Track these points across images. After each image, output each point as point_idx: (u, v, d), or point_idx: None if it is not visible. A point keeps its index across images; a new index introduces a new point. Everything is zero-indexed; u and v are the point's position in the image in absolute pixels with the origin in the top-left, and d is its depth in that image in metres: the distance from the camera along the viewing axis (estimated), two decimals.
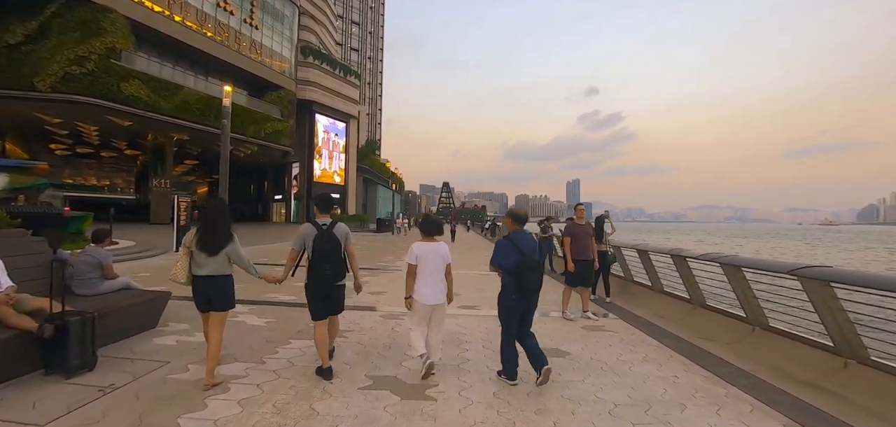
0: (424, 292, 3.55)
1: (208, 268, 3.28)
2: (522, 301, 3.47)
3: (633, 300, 7.29)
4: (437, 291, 3.59)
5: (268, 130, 37.94)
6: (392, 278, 9.42)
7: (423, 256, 3.58)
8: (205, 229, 3.30)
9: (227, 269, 3.36)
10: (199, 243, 3.28)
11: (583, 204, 7.60)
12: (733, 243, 51.81)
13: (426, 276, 3.58)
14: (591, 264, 6.02)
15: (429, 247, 3.62)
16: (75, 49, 24.88)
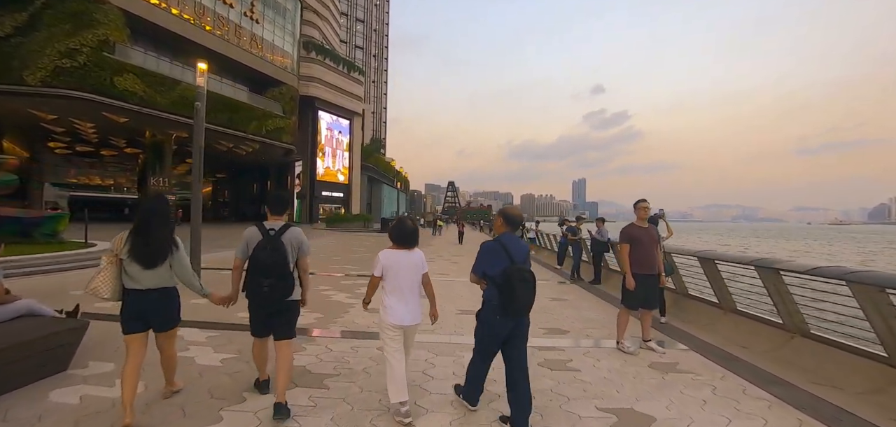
0: (393, 309, 2.91)
1: (146, 281, 2.70)
2: (508, 321, 2.77)
3: (693, 320, 5.90)
4: (413, 310, 2.94)
5: (269, 127, 36.78)
6: None
7: (391, 267, 2.92)
8: (138, 235, 2.68)
9: (169, 281, 2.78)
10: (132, 252, 2.66)
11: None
12: (765, 245, 50.00)
13: (397, 291, 2.92)
14: (657, 280, 4.62)
15: (399, 256, 2.96)
16: (66, 41, 23.86)
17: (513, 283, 2.66)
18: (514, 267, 2.72)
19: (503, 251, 2.80)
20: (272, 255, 2.77)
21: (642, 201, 4.62)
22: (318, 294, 7.09)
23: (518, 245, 2.88)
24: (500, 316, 2.72)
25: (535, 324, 5.58)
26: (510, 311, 2.70)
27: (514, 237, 2.92)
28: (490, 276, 2.81)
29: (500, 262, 2.78)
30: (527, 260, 2.93)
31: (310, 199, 44.43)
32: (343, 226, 37.34)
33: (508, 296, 2.68)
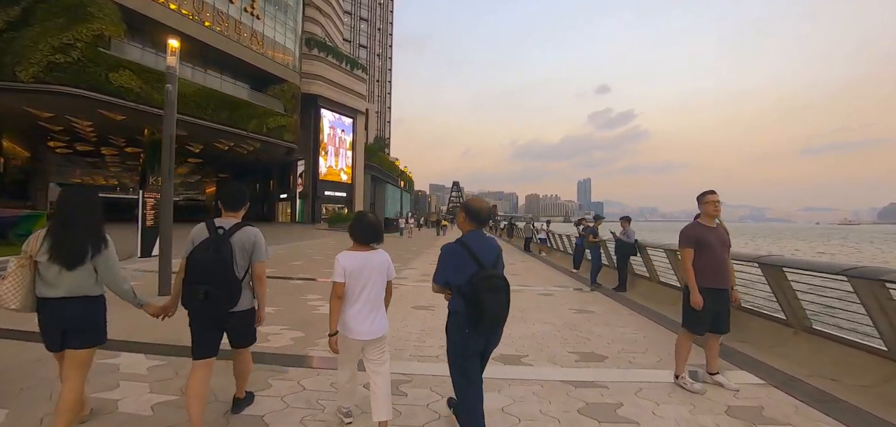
0: (355, 323, 2.49)
1: (64, 286, 2.27)
2: (481, 337, 2.35)
3: (751, 339, 4.87)
4: (374, 320, 2.53)
5: (270, 126, 36.00)
6: (393, 301, 7.12)
7: (353, 271, 2.50)
8: (57, 231, 2.29)
9: (93, 288, 2.34)
10: (51, 251, 2.26)
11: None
12: (787, 244, 48.54)
13: (357, 298, 2.51)
14: (729, 297, 3.57)
15: (362, 258, 2.54)
16: (60, 36, 23.18)
17: (480, 294, 2.22)
18: (481, 273, 2.28)
19: (468, 254, 2.36)
20: (212, 257, 2.36)
21: (710, 193, 3.56)
22: (304, 305, 6.14)
23: (486, 245, 2.43)
24: (469, 329, 2.30)
25: (564, 346, 4.54)
26: (480, 325, 2.26)
27: (480, 236, 2.46)
28: (454, 285, 2.37)
29: (466, 267, 2.33)
30: (497, 262, 2.46)
31: (312, 199, 43.62)
32: (345, 226, 36.43)
33: (476, 309, 2.24)
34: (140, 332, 4.29)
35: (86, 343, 2.31)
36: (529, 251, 17.95)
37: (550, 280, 9.58)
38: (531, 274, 10.58)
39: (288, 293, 6.96)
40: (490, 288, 2.24)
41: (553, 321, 5.56)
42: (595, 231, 9.00)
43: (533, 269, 11.79)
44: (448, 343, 2.42)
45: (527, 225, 19.34)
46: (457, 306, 2.37)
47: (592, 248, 8.87)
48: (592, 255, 8.87)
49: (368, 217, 2.68)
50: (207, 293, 2.32)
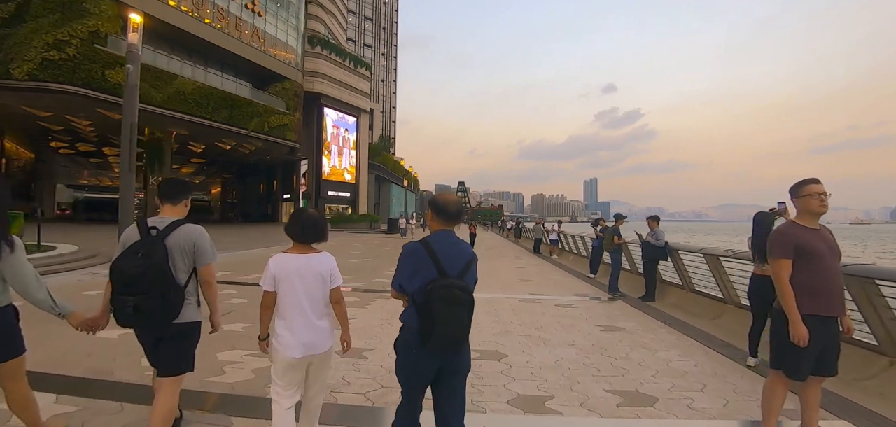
0: (290, 337, 2.09)
1: None
2: (433, 359, 1.86)
3: (856, 379, 3.83)
4: (312, 334, 2.11)
5: (272, 124, 35.29)
6: (392, 312, 6.21)
7: (287, 278, 2.11)
8: None
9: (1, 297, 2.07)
10: None
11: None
12: None
13: (293, 309, 2.11)
14: (838, 328, 2.56)
15: (299, 260, 2.14)
16: (54, 33, 22.60)
17: (432, 305, 1.80)
18: (438, 282, 1.84)
19: (429, 257, 1.93)
20: (140, 263, 2.05)
21: (813, 182, 2.54)
22: None
23: (453, 249, 1.98)
24: (416, 349, 1.87)
25: (598, 380, 3.50)
26: (430, 342, 1.82)
27: (448, 237, 2.03)
28: (408, 292, 1.95)
29: (424, 272, 1.91)
30: (466, 270, 1.97)
31: (315, 199, 42.87)
32: (348, 226, 35.71)
33: (427, 321, 1.82)
34: (59, 361, 3.41)
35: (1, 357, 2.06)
36: (539, 253, 16.98)
37: (567, 287, 8.61)
38: (545, 280, 9.61)
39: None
40: (447, 299, 1.81)
41: (579, 343, 4.62)
42: (618, 232, 7.98)
43: (546, 273, 10.83)
44: (397, 365, 2.00)
45: (536, 225, 18.33)
46: (408, 319, 1.94)
47: (613, 252, 7.88)
48: (613, 260, 7.89)
49: (308, 212, 2.31)
50: (137, 307, 2.01)
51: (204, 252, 2.23)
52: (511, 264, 12.68)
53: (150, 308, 2.02)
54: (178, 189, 2.32)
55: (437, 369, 1.90)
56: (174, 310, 2.11)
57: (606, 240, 8.02)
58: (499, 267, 11.98)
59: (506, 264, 12.71)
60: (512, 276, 10.03)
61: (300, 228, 2.19)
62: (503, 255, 16.37)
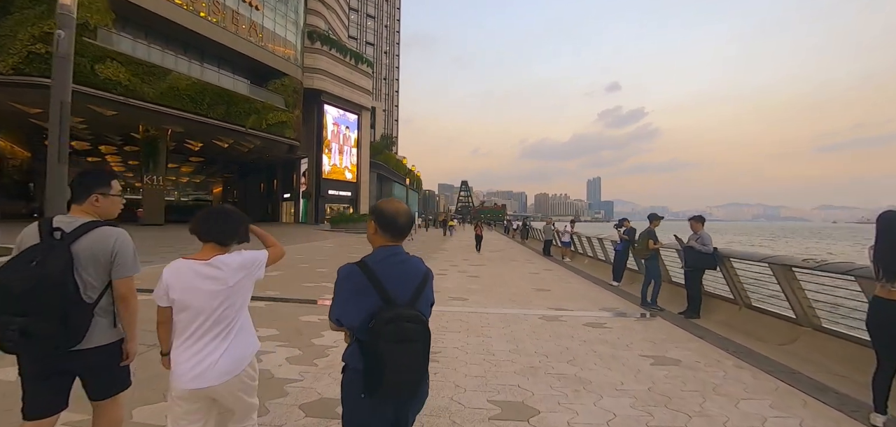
0: (193, 363, 1.70)
1: None
2: (383, 407, 1.51)
3: None
4: (228, 358, 1.73)
5: (270, 121, 34.34)
6: None
7: (186, 288, 1.71)
8: None
9: None
10: None
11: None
12: (795, 244, 45.65)
13: (195, 329, 1.72)
14: None
15: (199, 272, 1.73)
16: (41, 25, 21.70)
17: (379, 344, 1.41)
18: (386, 313, 1.44)
19: (369, 283, 1.49)
20: (31, 274, 1.62)
21: None
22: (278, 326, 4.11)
23: (400, 268, 1.55)
24: (366, 395, 1.47)
25: None
26: (378, 389, 1.44)
27: (395, 254, 1.56)
28: (347, 326, 1.52)
29: (364, 301, 1.48)
30: (419, 294, 1.53)
31: (315, 199, 41.90)
32: (348, 226, 34.63)
33: (373, 365, 1.43)
34: None
35: None
36: (549, 255, 15.84)
37: (591, 298, 7.47)
38: (564, 289, 8.47)
39: None
40: (397, 337, 1.42)
41: (630, 385, 3.49)
42: (654, 235, 6.81)
43: (562, 280, 9.68)
44: (342, 415, 1.56)
45: (546, 226, 17.18)
46: (351, 358, 1.52)
47: (650, 259, 6.71)
48: (650, 269, 6.73)
49: (219, 211, 1.84)
50: (24, 330, 1.60)
51: (124, 262, 1.84)
52: (522, 269, 11.54)
53: (43, 332, 1.65)
54: (85, 182, 1.86)
55: (393, 419, 1.54)
56: (76, 334, 1.73)
57: (640, 244, 6.84)
58: (509, 273, 10.84)
59: (516, 269, 11.57)
60: (525, 284, 8.89)
61: (210, 229, 1.78)
62: (512, 258, 15.23)
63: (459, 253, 16.46)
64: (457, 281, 9.09)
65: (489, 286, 8.44)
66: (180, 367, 1.71)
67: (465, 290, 8.00)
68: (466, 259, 13.95)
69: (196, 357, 1.71)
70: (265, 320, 5.20)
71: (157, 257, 10.20)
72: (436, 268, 11.39)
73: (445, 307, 6.31)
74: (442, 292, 7.61)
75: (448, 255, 15.25)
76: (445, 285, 8.44)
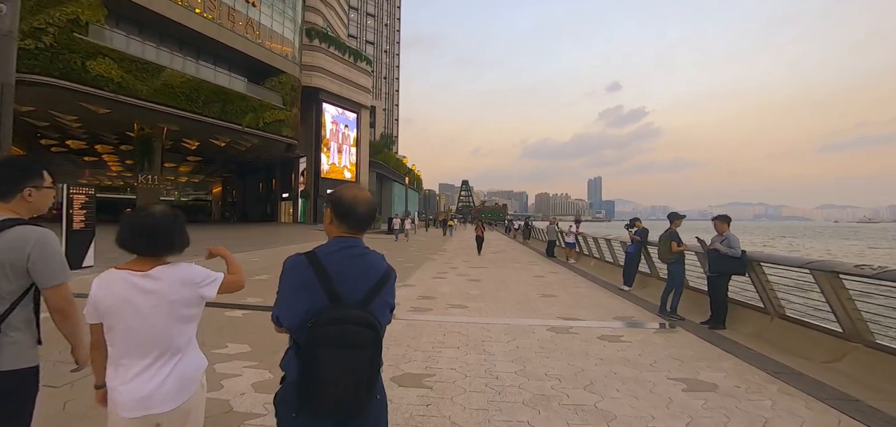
0: (130, 389, 1.47)
1: None
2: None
3: None
4: (163, 382, 1.51)
5: (267, 120, 33.77)
6: None
7: (116, 304, 1.48)
8: None
9: None
10: None
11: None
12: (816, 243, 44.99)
13: (133, 349, 1.50)
14: None
15: (135, 285, 1.50)
16: (29, 20, 21.13)
17: (315, 349, 1.24)
18: (329, 313, 1.25)
19: (316, 277, 1.31)
20: None
21: None
22: (252, 340, 3.51)
23: (355, 263, 1.35)
24: (296, 413, 1.28)
25: None
26: (313, 404, 1.25)
27: (351, 246, 1.37)
28: (287, 327, 1.33)
29: (308, 299, 1.30)
30: (375, 295, 1.33)
31: (314, 198, 41.31)
32: None
33: (308, 372, 1.24)
34: None
35: None
36: (553, 256, 15.23)
37: (602, 305, 6.85)
38: (571, 294, 7.86)
39: (217, 330, 4.35)
40: (338, 341, 1.23)
41: (662, 420, 2.89)
42: (677, 237, 6.17)
43: (569, 284, 9.07)
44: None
45: (550, 226, 16.56)
46: (288, 367, 1.32)
47: (674, 264, 6.06)
48: (672, 274, 6.09)
49: (147, 216, 1.55)
50: None
51: (45, 268, 1.56)
52: (525, 272, 10.92)
53: None
54: (13, 174, 1.62)
55: None
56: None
57: (662, 248, 6.18)
58: (512, 275, 10.23)
59: (519, 272, 10.96)
60: (530, 288, 8.27)
61: (129, 233, 1.51)
62: (514, 259, 14.62)
63: (459, 254, 15.85)
64: (456, 285, 8.48)
65: (491, 291, 7.83)
66: (120, 393, 1.49)
67: (465, 295, 7.39)
68: (466, 261, 13.34)
69: (137, 380, 1.49)
70: (238, 333, 4.59)
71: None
72: (434, 270, 10.79)
73: (443, 317, 5.71)
74: (440, 299, 7.01)
75: (447, 257, 14.63)
76: (444, 290, 7.83)
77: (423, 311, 6.10)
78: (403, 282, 8.70)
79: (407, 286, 8.19)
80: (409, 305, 6.39)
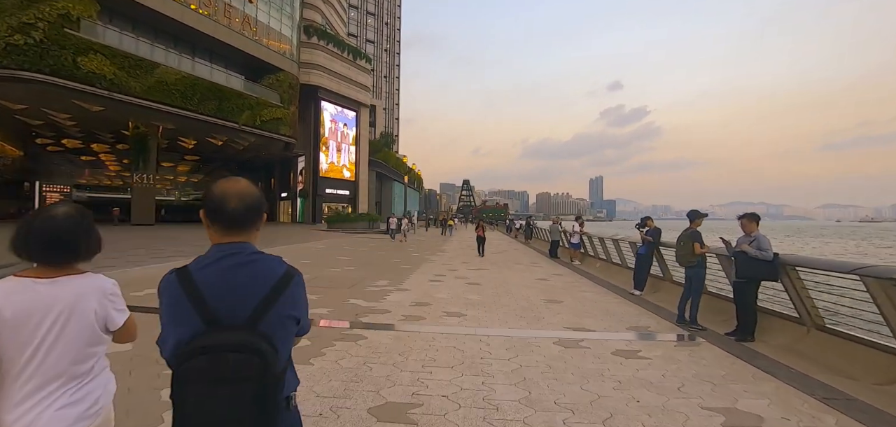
0: (30, 416, 1.26)
1: None
2: None
3: None
4: (61, 412, 1.29)
5: (265, 117, 33.22)
6: (358, 366, 3.94)
7: (16, 318, 1.26)
8: None
9: None
10: None
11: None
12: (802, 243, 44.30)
13: (34, 370, 1.28)
14: None
15: (38, 294, 1.29)
16: (19, 15, 20.71)
17: (184, 391, 1.03)
18: (198, 341, 1.04)
19: (185, 295, 1.09)
20: None
21: None
22: None
23: (236, 274, 1.11)
24: None
25: None
26: None
27: (233, 254, 1.13)
28: (162, 351, 1.12)
29: (181, 322, 1.08)
30: (263, 312, 1.09)
31: (313, 197, 40.77)
32: (345, 226, 33.51)
33: (176, 417, 1.05)
34: None
35: None
36: (556, 257, 14.63)
37: (613, 313, 6.24)
38: (579, 299, 7.27)
39: None
40: (209, 375, 1.01)
41: None
42: (699, 237, 5.57)
43: (575, 288, 8.47)
44: None
45: (553, 225, 15.95)
46: (176, 396, 1.09)
47: (694, 268, 5.45)
48: (691, 278, 5.49)
49: (46, 213, 1.34)
50: None
51: None
52: (528, 275, 10.33)
53: None
54: None
55: None
56: None
57: (683, 249, 5.53)
58: (513, 278, 9.64)
59: (521, 274, 10.37)
60: (533, 293, 7.68)
61: (24, 238, 1.30)
62: (516, 260, 14.02)
63: (459, 255, 15.26)
64: (454, 289, 7.89)
65: (491, 297, 7.24)
66: (16, 418, 1.28)
67: (463, 301, 6.80)
68: (466, 263, 12.75)
69: (38, 408, 1.28)
70: None
71: (148, 256, 9.08)
72: (432, 272, 10.20)
73: (437, 327, 5.12)
74: (435, 305, 6.43)
75: (446, 258, 14.05)
76: (440, 295, 7.24)
77: (415, 319, 5.52)
78: (399, 286, 8.11)
79: (401, 291, 7.60)
80: (400, 313, 5.81)
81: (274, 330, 1.08)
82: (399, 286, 8.04)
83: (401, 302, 6.57)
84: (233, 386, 1.00)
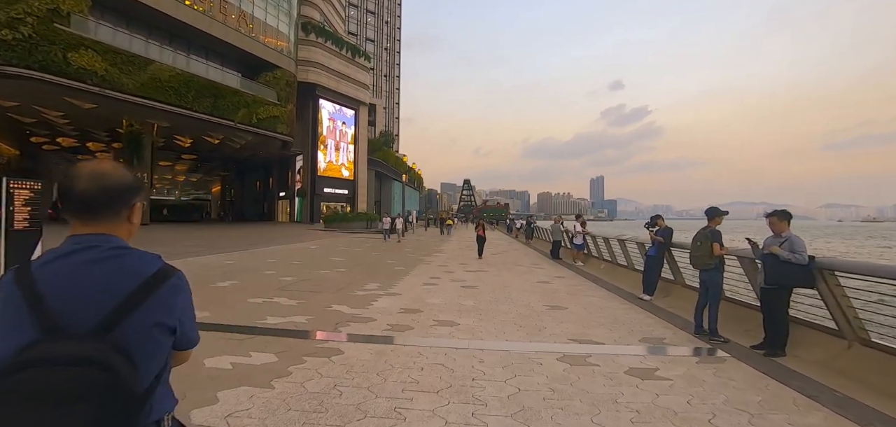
0: None
1: None
2: None
3: None
4: None
5: (261, 116, 32.66)
6: (328, 388, 3.36)
7: None
8: None
9: None
10: None
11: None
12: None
13: None
14: None
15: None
16: (6, 9, 20.14)
17: (6, 413, 0.82)
18: (26, 355, 0.84)
19: (22, 298, 0.90)
20: None
21: None
22: None
23: (87, 273, 0.94)
24: None
25: None
26: None
27: (88, 247, 0.96)
28: None
29: (14, 329, 0.89)
30: (120, 317, 0.90)
31: (311, 197, 40.22)
32: (342, 226, 32.97)
33: None
34: None
35: None
36: (558, 258, 14.05)
37: (624, 322, 5.64)
38: (584, 304, 6.68)
39: None
40: (35, 396, 0.83)
41: None
42: (719, 237, 4.99)
43: (581, 292, 7.87)
44: None
45: (555, 225, 15.38)
46: None
47: (711, 271, 4.87)
48: (708, 282, 4.91)
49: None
50: None
51: None
52: (529, 277, 9.74)
53: None
54: None
55: None
56: None
57: (700, 251, 4.90)
58: (513, 281, 9.05)
59: (521, 276, 9.78)
60: (534, 298, 7.09)
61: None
62: (516, 261, 13.43)
63: (457, 255, 14.68)
64: (448, 294, 7.31)
65: (488, 302, 6.66)
66: None
67: (457, 307, 6.22)
68: (464, 264, 12.17)
69: None
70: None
71: None
72: (426, 275, 9.63)
73: (425, 339, 4.54)
74: (426, 312, 5.85)
75: (443, 259, 13.47)
76: (432, 301, 6.67)
77: (402, 329, 4.94)
78: (389, 289, 7.54)
79: (390, 295, 7.03)
80: (386, 322, 5.23)
81: (134, 340, 0.92)
82: (389, 290, 7.46)
83: (388, 308, 5.99)
84: (63, 408, 0.81)
